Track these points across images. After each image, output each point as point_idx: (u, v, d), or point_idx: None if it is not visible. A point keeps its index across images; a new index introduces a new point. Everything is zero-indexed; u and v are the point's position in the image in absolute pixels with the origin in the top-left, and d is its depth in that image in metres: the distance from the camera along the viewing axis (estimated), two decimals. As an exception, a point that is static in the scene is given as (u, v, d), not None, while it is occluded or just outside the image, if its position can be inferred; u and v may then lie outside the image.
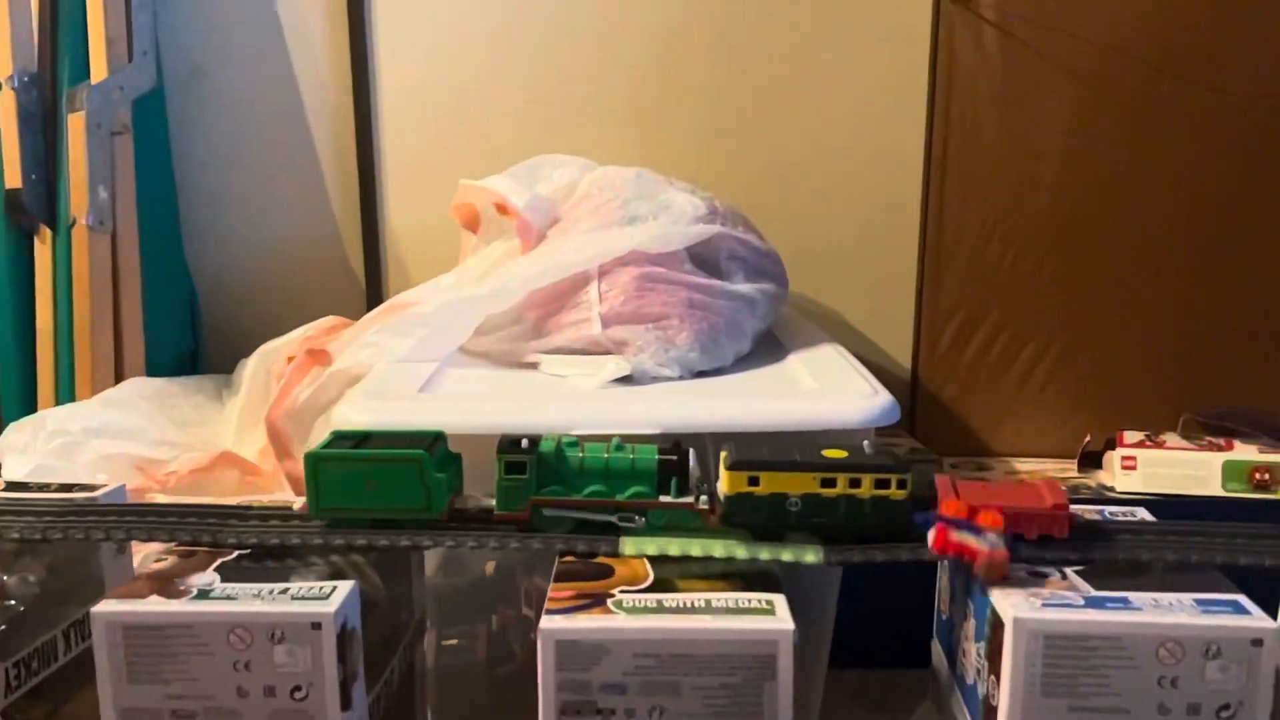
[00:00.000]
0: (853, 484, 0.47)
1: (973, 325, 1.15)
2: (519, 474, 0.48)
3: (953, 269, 1.14)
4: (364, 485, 0.48)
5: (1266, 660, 0.40)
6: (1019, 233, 1.13)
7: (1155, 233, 1.12)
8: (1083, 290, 1.14)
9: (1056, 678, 0.41)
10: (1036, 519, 0.47)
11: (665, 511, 0.49)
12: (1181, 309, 1.13)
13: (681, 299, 0.78)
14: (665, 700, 0.41)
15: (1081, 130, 1.10)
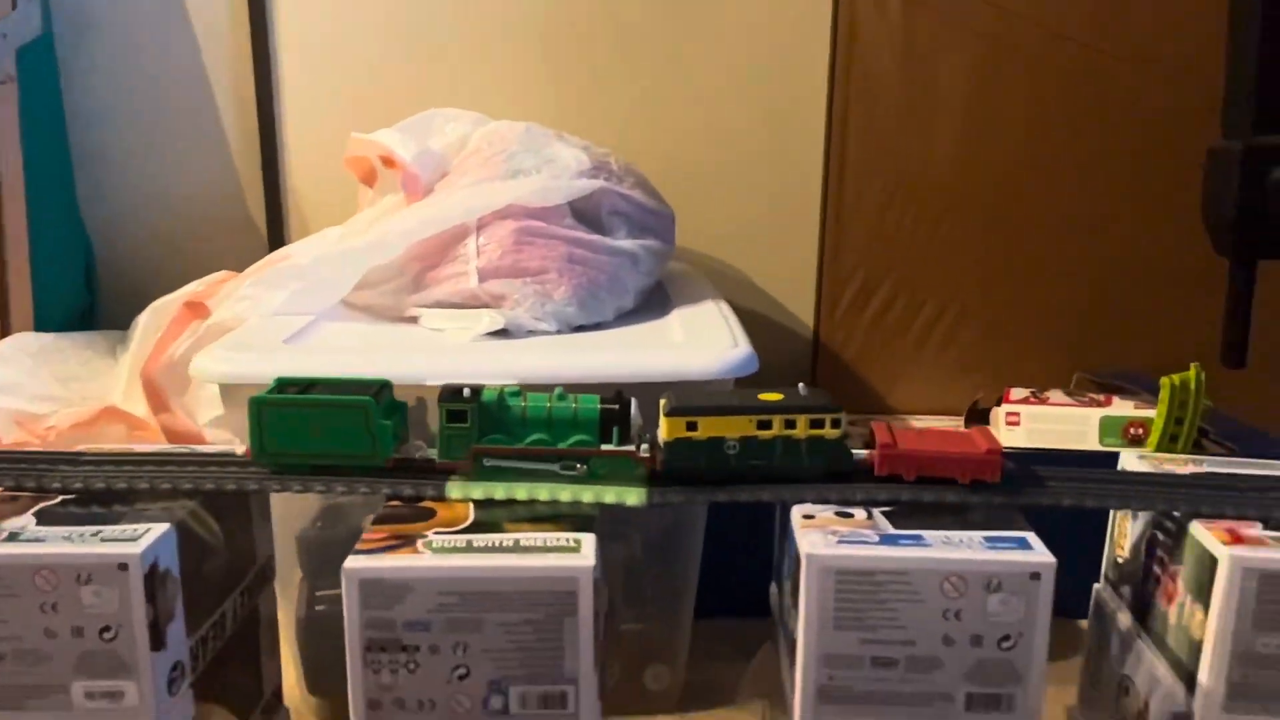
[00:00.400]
0: (788, 425, 0.48)
1: (873, 285, 1.17)
2: (461, 423, 0.48)
3: (854, 230, 1.16)
4: (309, 431, 0.48)
5: (1044, 593, 0.42)
6: (919, 194, 1.14)
7: (1052, 194, 1.14)
8: (981, 251, 1.16)
9: (848, 611, 0.42)
10: (971, 463, 0.48)
11: (607, 459, 0.49)
12: (1077, 270, 1.16)
13: (561, 253, 0.78)
14: (469, 637, 0.42)
15: (981, 93, 1.12)
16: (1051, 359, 1.17)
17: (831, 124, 1.13)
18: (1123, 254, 1.15)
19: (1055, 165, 1.13)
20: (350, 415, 0.48)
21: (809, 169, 1.15)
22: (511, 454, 0.49)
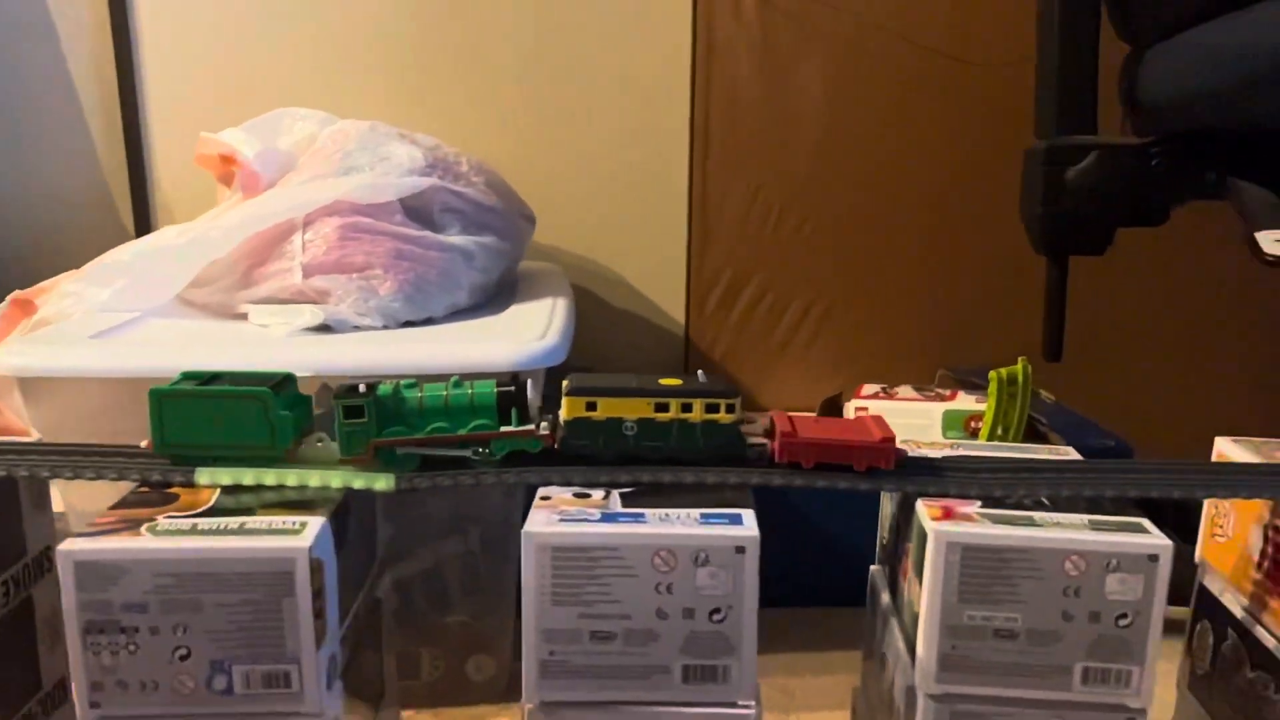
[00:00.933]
0: (685, 408, 0.49)
1: (739, 285, 1.19)
2: (358, 418, 0.48)
3: (719, 231, 1.18)
4: (209, 422, 0.48)
5: (749, 567, 0.43)
6: (781, 196, 1.17)
7: (909, 196, 1.17)
8: (844, 251, 1.19)
9: (566, 587, 0.44)
10: (866, 451, 0.49)
11: (508, 440, 0.49)
12: (937, 269, 1.19)
13: (388, 249, 0.79)
14: (188, 618, 0.42)
15: (838, 97, 1.15)
16: (915, 356, 1.20)
17: (694, 128, 1.15)
18: (980, 253, 1.19)
19: (912, 168, 1.16)
20: (249, 406, 0.48)
21: (674, 172, 1.17)
22: (413, 444, 0.49)
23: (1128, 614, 0.45)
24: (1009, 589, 0.45)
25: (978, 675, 0.46)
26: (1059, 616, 0.45)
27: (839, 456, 0.50)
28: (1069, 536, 0.45)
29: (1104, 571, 0.45)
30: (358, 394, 0.48)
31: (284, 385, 0.50)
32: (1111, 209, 0.76)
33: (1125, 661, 0.46)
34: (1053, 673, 0.46)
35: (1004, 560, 0.45)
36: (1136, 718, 0.46)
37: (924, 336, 1.21)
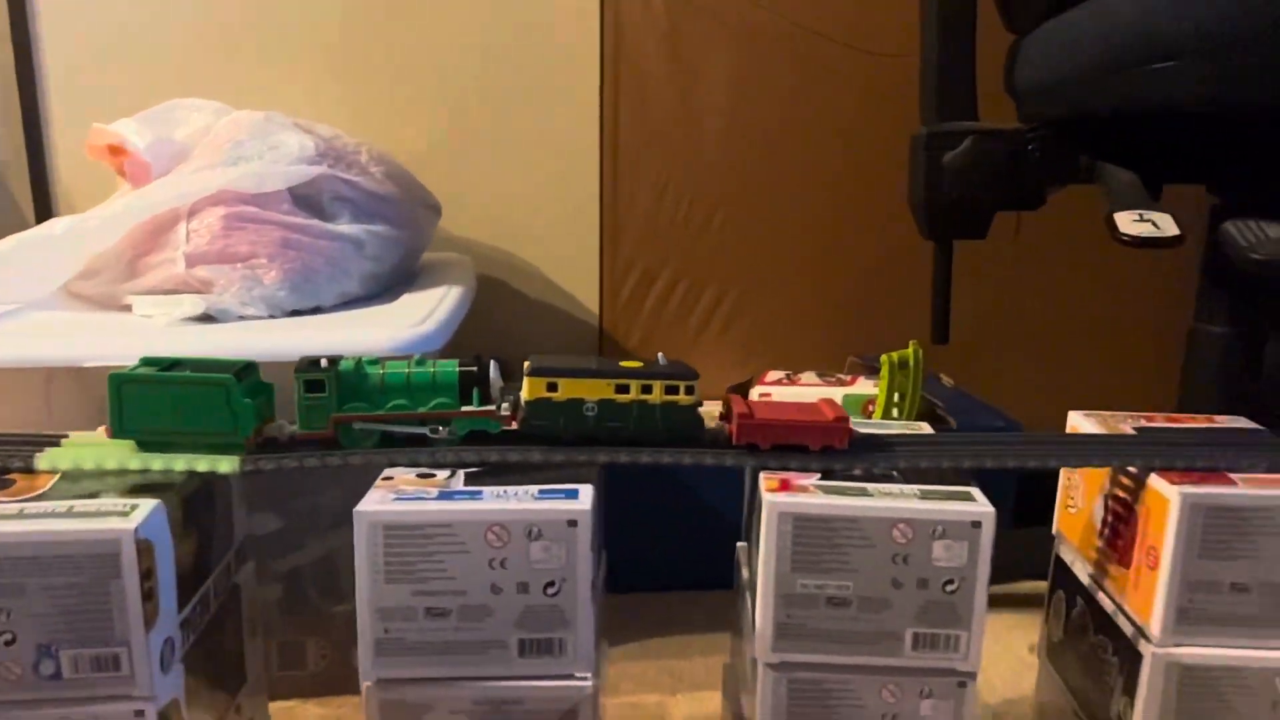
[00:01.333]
0: (645, 390, 0.50)
1: (652, 276, 1.20)
2: (319, 392, 0.49)
3: (630, 222, 1.18)
4: (171, 408, 0.48)
5: (581, 538, 0.44)
6: (691, 187, 1.18)
7: (818, 186, 1.19)
8: (756, 240, 1.20)
9: (399, 565, 0.44)
10: (821, 431, 0.50)
11: (469, 420, 0.50)
12: (845, 257, 1.21)
13: (274, 239, 0.78)
14: (12, 602, 0.42)
15: (745, 88, 1.16)
16: (827, 343, 1.21)
17: (604, 120, 1.16)
18: (886, 240, 1.20)
19: (819, 158, 1.18)
20: (211, 393, 0.48)
21: (585, 164, 1.17)
22: (373, 420, 0.49)
23: (954, 580, 0.46)
24: (840, 558, 0.46)
25: (812, 643, 0.47)
26: (889, 584, 0.47)
27: (795, 437, 0.51)
28: (896, 505, 0.46)
29: (930, 539, 0.46)
30: (319, 368, 0.49)
31: (246, 373, 0.50)
32: (988, 193, 0.78)
33: (953, 626, 0.47)
34: (884, 639, 0.47)
35: (834, 530, 0.46)
36: (966, 681, 0.48)
37: (834, 324, 1.22)
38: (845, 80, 1.15)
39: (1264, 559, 0.48)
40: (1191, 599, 0.49)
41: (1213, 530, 0.48)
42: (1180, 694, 0.49)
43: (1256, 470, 0.50)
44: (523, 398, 0.50)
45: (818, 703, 0.48)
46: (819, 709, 0.48)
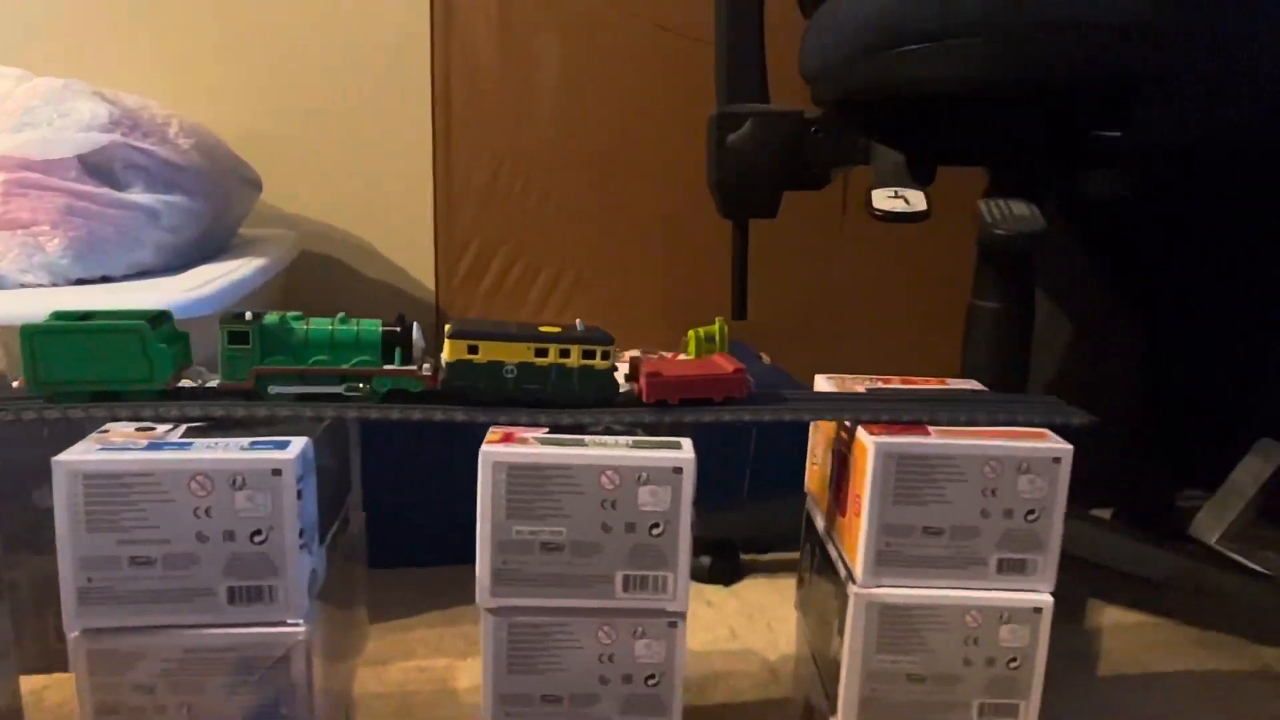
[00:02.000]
0: (563, 354, 0.52)
1: (488, 254, 1.21)
2: (242, 344, 0.49)
3: (465, 200, 1.19)
4: (85, 358, 0.48)
5: (286, 488, 0.45)
6: (525, 165, 1.19)
7: (653, 166, 1.21)
8: (592, 220, 1.22)
9: (102, 514, 0.44)
10: (724, 384, 0.54)
11: (390, 378, 0.51)
12: (683, 237, 1.24)
13: (58, 206, 0.77)
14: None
15: (579, 69, 1.18)
16: (665, 322, 1.24)
17: (435, 98, 1.16)
18: (721, 221, 1.23)
19: (649, 140, 1.20)
20: (126, 340, 0.48)
21: (417, 142, 1.17)
22: (295, 374, 0.50)
23: (660, 524, 0.49)
24: (553, 505, 0.49)
25: (529, 588, 0.49)
26: (599, 528, 0.49)
27: (701, 391, 0.54)
28: (604, 454, 0.48)
29: (636, 485, 0.48)
30: (243, 321, 0.49)
31: (160, 321, 0.50)
32: (772, 173, 0.81)
33: (661, 568, 0.50)
34: (596, 581, 0.49)
35: (546, 478, 0.48)
36: (676, 621, 0.50)
37: (672, 302, 1.26)
38: (677, 64, 1.18)
39: (953, 504, 0.52)
40: (889, 542, 0.52)
41: (905, 478, 0.52)
42: (881, 631, 0.53)
43: (956, 424, 0.54)
44: (444, 359, 0.51)
45: (537, 645, 0.50)
46: (539, 651, 0.50)
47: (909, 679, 0.54)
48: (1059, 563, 0.53)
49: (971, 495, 0.52)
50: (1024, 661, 0.53)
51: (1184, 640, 0.83)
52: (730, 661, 0.77)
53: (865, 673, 0.53)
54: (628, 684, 0.51)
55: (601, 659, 0.50)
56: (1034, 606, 0.53)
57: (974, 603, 0.53)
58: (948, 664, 0.53)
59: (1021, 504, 0.52)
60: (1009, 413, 0.55)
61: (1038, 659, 0.53)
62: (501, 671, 0.50)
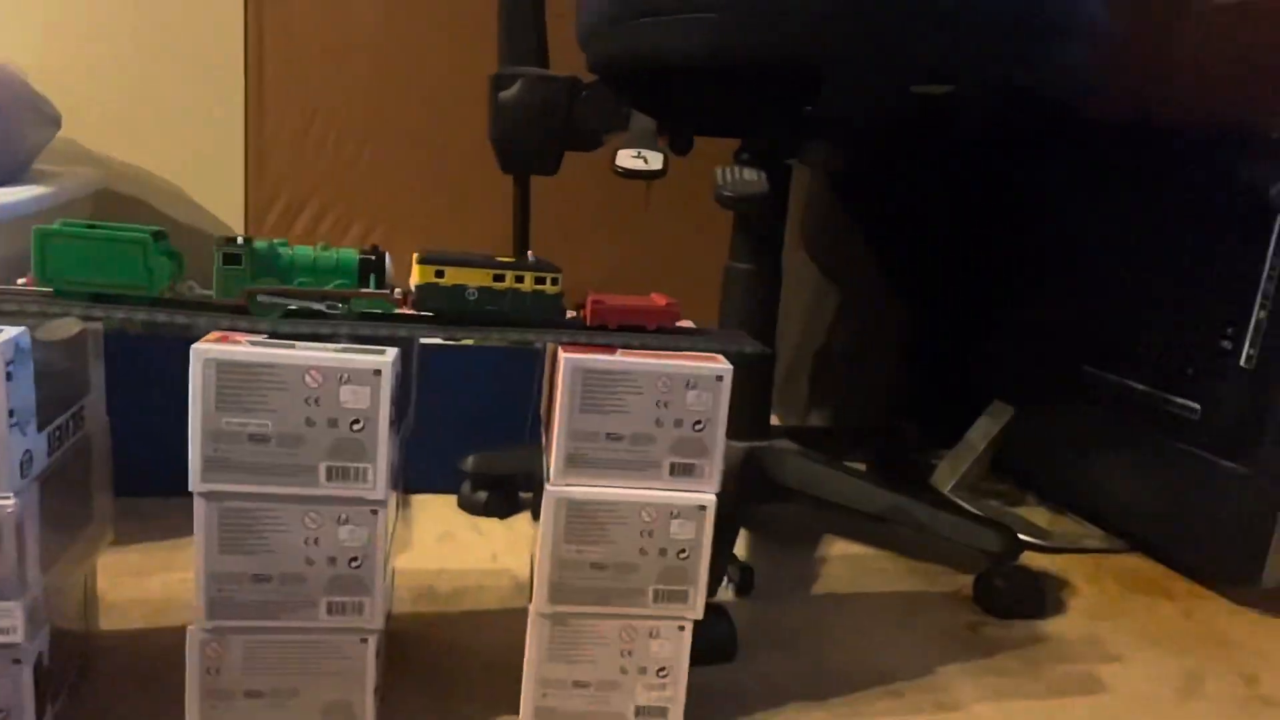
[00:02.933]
0: (518, 280, 0.59)
1: (298, 204, 1.24)
2: (236, 264, 0.55)
3: (276, 148, 1.22)
4: (89, 262, 0.53)
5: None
6: (339, 120, 1.23)
7: (466, 127, 1.27)
8: (407, 174, 1.26)
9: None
10: (656, 314, 0.64)
11: (365, 300, 0.58)
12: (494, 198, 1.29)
13: None
14: None
15: (392, 28, 1.22)
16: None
17: (249, 45, 1.18)
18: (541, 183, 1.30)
19: (464, 96, 1.26)
20: (129, 248, 0.54)
21: (229, 88, 1.20)
22: (284, 293, 0.56)
23: (360, 420, 0.55)
24: (259, 399, 0.54)
25: (238, 474, 0.55)
26: (304, 422, 0.55)
27: (637, 319, 0.63)
28: (308, 354, 0.54)
29: (338, 384, 0.54)
30: (236, 244, 0.55)
31: (160, 237, 0.56)
32: (543, 133, 0.88)
33: (362, 460, 0.56)
34: (301, 471, 0.55)
35: (253, 374, 0.54)
36: (378, 509, 0.57)
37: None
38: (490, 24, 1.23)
39: (632, 414, 0.60)
40: (577, 447, 0.60)
41: (591, 390, 0.59)
42: (569, 524, 0.61)
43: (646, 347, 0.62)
44: (412, 283, 0.58)
45: (247, 529, 0.55)
46: (249, 534, 0.56)
47: (592, 567, 0.61)
48: (802, 501, 0.64)
49: (647, 407, 0.60)
50: (692, 552, 0.62)
51: (898, 568, 0.95)
52: (484, 578, 0.84)
53: (556, 561, 0.61)
54: (332, 565, 0.57)
55: (307, 542, 0.56)
56: (699, 504, 0.61)
57: (648, 500, 0.61)
58: (626, 554, 0.61)
59: (690, 415, 0.60)
60: (692, 341, 0.64)
61: (703, 550, 0.62)
62: (214, 551, 0.55)
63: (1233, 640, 0.85)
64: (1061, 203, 1.08)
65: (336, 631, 0.58)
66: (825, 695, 0.70)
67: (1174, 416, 0.94)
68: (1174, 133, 0.95)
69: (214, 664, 0.57)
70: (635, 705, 0.64)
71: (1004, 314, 1.16)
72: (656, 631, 0.63)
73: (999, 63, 0.72)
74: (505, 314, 0.60)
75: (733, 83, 0.78)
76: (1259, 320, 0.86)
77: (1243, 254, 0.87)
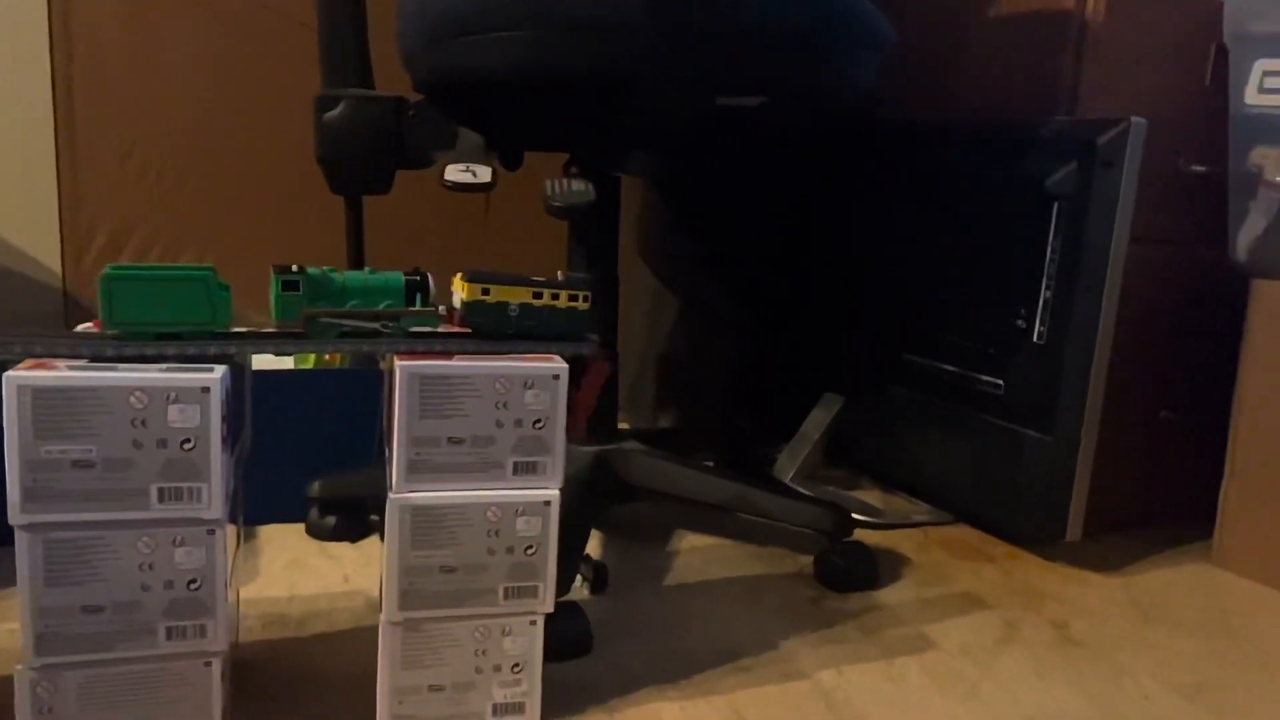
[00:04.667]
0: (554, 297, 0.64)
1: (121, 239, 1.20)
2: (294, 290, 0.59)
3: (92, 184, 1.17)
4: (154, 302, 0.55)
5: None
6: (159, 149, 1.19)
7: (293, 155, 1.25)
8: (235, 207, 1.24)
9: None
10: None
11: (415, 317, 0.62)
12: (326, 225, 1.28)
13: None
14: None
15: (211, 55, 1.19)
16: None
17: (56, 80, 1.14)
18: (377, 200, 1.29)
19: (288, 127, 1.24)
20: (192, 287, 0.56)
21: (38, 123, 1.14)
22: (338, 314, 0.60)
23: (191, 439, 0.55)
24: (81, 425, 0.53)
25: (62, 503, 0.53)
26: (130, 445, 0.54)
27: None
28: (132, 375, 0.53)
29: (165, 403, 0.54)
30: (293, 272, 0.58)
31: (213, 273, 0.57)
32: (371, 152, 0.88)
33: (195, 480, 0.55)
34: (131, 495, 0.54)
35: (73, 399, 0.52)
36: (215, 528, 0.56)
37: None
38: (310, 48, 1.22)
39: (471, 417, 0.61)
40: (418, 453, 0.61)
41: (429, 395, 0.60)
42: (415, 530, 0.61)
43: (480, 352, 0.64)
44: (459, 299, 0.62)
45: (74, 558, 0.54)
46: (78, 564, 0.54)
47: (441, 570, 0.62)
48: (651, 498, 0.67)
49: (486, 408, 0.61)
50: (539, 548, 0.64)
51: (743, 555, 0.99)
52: (336, 600, 0.83)
53: (403, 568, 0.62)
54: (169, 589, 0.56)
55: (142, 567, 0.55)
56: (544, 500, 0.63)
57: (493, 500, 0.62)
58: (474, 555, 0.63)
59: (529, 414, 0.62)
60: (530, 344, 0.66)
61: (550, 545, 0.64)
62: (39, 585, 0.54)
63: (1045, 592, 0.93)
64: (870, 202, 1.16)
65: (178, 657, 0.57)
66: (677, 677, 0.73)
67: (983, 394, 1.02)
68: (961, 132, 1.04)
69: (46, 703, 0.55)
70: (492, 703, 0.65)
71: (829, 310, 1.24)
72: (509, 629, 0.64)
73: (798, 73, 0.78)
74: (542, 329, 0.65)
75: (550, 98, 0.81)
76: (1046, 299, 0.95)
77: (1029, 240, 0.96)
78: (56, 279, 1.19)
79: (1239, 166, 0.98)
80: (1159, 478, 1.09)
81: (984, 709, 0.71)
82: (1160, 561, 1.02)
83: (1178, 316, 1.04)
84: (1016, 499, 0.99)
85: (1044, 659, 0.79)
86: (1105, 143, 0.89)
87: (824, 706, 0.70)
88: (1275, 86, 0.95)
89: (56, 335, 0.56)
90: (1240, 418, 0.99)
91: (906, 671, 0.76)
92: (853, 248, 1.20)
